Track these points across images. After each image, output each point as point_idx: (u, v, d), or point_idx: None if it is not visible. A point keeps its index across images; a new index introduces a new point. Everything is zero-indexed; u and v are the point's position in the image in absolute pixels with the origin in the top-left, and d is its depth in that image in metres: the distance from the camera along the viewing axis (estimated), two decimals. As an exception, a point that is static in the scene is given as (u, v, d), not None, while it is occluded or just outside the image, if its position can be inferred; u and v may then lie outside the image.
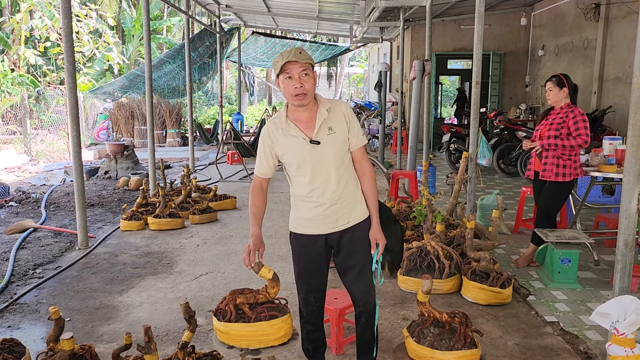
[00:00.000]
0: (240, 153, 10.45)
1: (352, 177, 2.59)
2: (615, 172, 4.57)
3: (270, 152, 2.55)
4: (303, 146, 2.48)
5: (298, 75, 2.39)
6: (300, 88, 2.40)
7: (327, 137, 2.48)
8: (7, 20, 16.35)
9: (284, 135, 2.50)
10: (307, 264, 2.66)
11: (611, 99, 8.47)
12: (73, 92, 5.19)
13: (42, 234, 5.91)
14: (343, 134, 2.52)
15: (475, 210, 5.54)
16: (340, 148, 2.51)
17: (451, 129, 9.70)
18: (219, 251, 5.32)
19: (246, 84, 24.74)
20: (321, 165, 2.49)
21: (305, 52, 2.43)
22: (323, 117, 2.48)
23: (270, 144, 2.54)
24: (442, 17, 12.12)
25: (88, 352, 2.67)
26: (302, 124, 2.50)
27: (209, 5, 12.58)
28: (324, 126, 2.48)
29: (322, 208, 2.53)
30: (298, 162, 2.50)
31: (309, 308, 2.72)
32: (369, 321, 2.71)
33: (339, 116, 2.52)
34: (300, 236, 2.65)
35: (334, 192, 2.51)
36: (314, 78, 2.46)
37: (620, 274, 2.81)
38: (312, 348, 2.82)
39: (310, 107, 2.50)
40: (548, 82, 4.47)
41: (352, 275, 2.64)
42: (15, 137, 13.35)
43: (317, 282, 2.68)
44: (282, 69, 2.40)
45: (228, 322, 2.49)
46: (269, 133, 2.54)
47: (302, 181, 2.54)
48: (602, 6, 8.65)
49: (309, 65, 2.42)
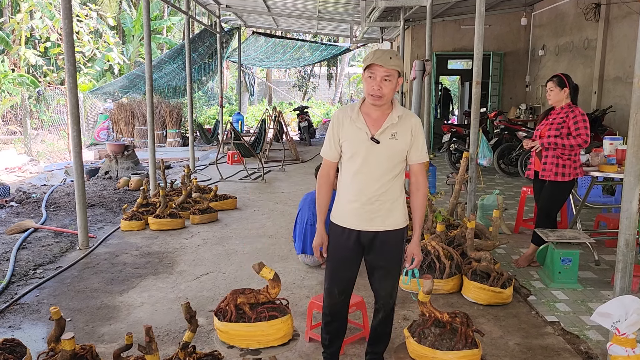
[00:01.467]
0: (241, 153, 10.44)
1: (398, 186, 2.64)
2: (615, 172, 4.57)
3: (337, 136, 2.63)
4: (363, 140, 2.55)
5: (380, 78, 2.47)
6: (378, 91, 2.49)
7: (388, 140, 2.55)
8: (7, 20, 16.36)
9: (351, 124, 2.59)
10: (338, 255, 2.71)
11: (611, 99, 8.46)
12: (73, 92, 5.19)
13: (43, 234, 5.91)
14: (404, 144, 2.58)
15: (475, 210, 5.54)
16: (396, 155, 2.58)
17: (451, 129, 9.71)
18: (219, 251, 5.32)
19: (246, 84, 24.76)
20: (372, 163, 2.56)
21: (398, 58, 2.50)
22: (392, 121, 2.56)
23: (337, 128, 2.63)
24: (442, 17, 12.11)
25: (89, 352, 2.67)
26: (370, 120, 2.58)
27: (209, 5, 12.58)
28: (389, 130, 2.56)
29: (358, 204, 2.59)
30: (353, 152, 2.58)
31: (330, 299, 2.77)
32: (385, 319, 2.81)
33: (407, 127, 2.59)
34: (336, 227, 2.70)
35: (374, 193, 2.57)
36: (396, 84, 2.52)
37: (621, 273, 2.81)
38: (328, 338, 2.87)
39: (383, 109, 2.58)
40: (549, 82, 4.47)
41: (378, 275, 2.72)
42: (15, 138, 13.35)
43: (343, 276, 2.73)
44: (368, 67, 2.49)
45: (228, 322, 2.50)
46: (338, 118, 2.64)
47: (349, 171, 2.62)
48: (603, 6, 8.65)
49: (394, 72, 2.48)
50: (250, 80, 25.88)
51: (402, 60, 2.56)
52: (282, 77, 33.78)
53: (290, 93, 30.78)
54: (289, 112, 18.92)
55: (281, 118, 12.59)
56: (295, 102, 27.20)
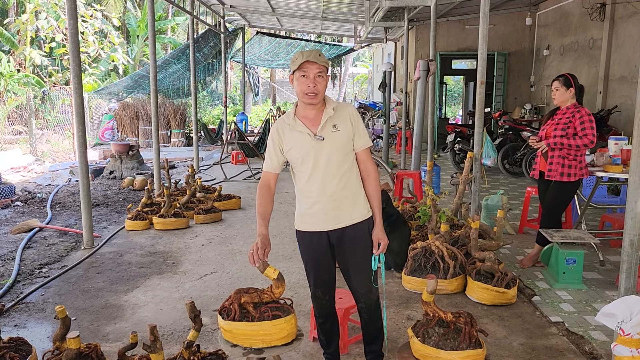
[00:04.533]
0: (245, 153, 10.46)
1: (354, 177, 2.65)
2: (620, 172, 4.55)
3: (278, 148, 2.64)
4: (308, 141, 2.57)
5: (313, 76, 2.50)
6: (313, 88, 2.51)
7: (331, 134, 2.57)
8: (13, 21, 16.44)
9: (291, 131, 2.60)
10: (312, 260, 2.73)
11: (617, 99, 8.43)
12: (78, 92, 5.22)
13: (48, 233, 5.94)
14: (347, 134, 2.59)
15: (479, 210, 5.53)
16: (344, 147, 2.59)
17: (456, 129, 9.70)
18: (223, 251, 5.33)
19: (250, 84, 24.77)
20: (323, 161, 2.56)
21: (324, 56, 2.56)
22: (328, 114, 2.58)
23: (278, 139, 2.64)
24: (446, 17, 12.10)
25: (94, 351, 2.69)
26: (308, 121, 2.60)
27: (214, 5, 12.60)
28: (329, 123, 2.58)
29: (321, 204, 2.60)
30: (302, 156, 2.59)
31: (317, 302, 2.81)
32: (370, 317, 2.80)
33: (345, 116, 2.61)
34: (304, 233, 2.72)
35: (335, 189, 2.58)
36: (327, 81, 2.58)
37: (626, 274, 2.80)
38: (325, 339, 2.90)
39: (318, 107, 2.60)
40: (555, 82, 4.45)
41: (353, 273, 2.72)
42: (20, 137, 13.42)
43: (322, 277, 2.74)
44: (299, 67, 2.50)
45: (232, 321, 2.50)
46: (277, 129, 2.65)
47: (304, 176, 2.62)
48: (608, 6, 8.62)
49: (324, 68, 2.53)
50: (255, 81, 25.90)
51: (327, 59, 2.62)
52: (286, 77, 33.73)
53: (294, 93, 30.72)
54: (293, 112, 18.90)
55: (285, 118, 12.57)
56: (299, 102, 27.14)
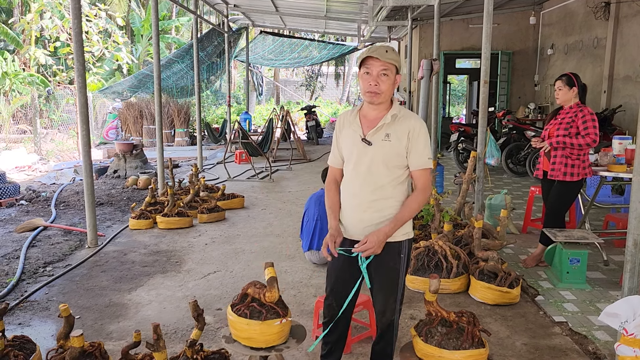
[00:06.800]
0: (248, 152, 10.47)
1: (396, 194, 2.43)
2: (624, 171, 4.54)
3: (337, 142, 2.56)
4: (356, 142, 2.44)
5: (377, 73, 2.33)
6: (375, 86, 2.34)
7: (381, 141, 2.39)
8: (17, 20, 16.50)
9: (348, 127, 2.50)
10: (333, 265, 2.57)
11: (621, 98, 8.40)
12: (83, 91, 5.24)
13: (52, 232, 5.96)
14: (398, 148, 2.39)
15: (483, 209, 5.53)
16: (390, 159, 2.39)
17: (459, 129, 9.68)
18: (227, 250, 5.34)
19: (254, 83, 24.81)
20: (363, 167, 2.41)
21: (394, 52, 2.35)
22: (385, 121, 2.39)
23: (337, 133, 2.56)
24: (450, 16, 12.07)
25: (97, 349, 2.70)
26: (366, 121, 2.46)
27: (217, 5, 12.62)
28: (383, 130, 2.40)
29: (350, 211, 2.48)
30: (347, 155, 2.49)
31: (327, 310, 2.64)
32: (382, 336, 2.62)
33: (403, 129, 2.39)
34: None
35: (363, 199, 2.41)
36: (394, 81, 2.38)
37: (630, 274, 2.79)
38: (327, 349, 2.71)
39: (380, 108, 2.43)
40: (558, 81, 4.45)
41: (374, 289, 2.55)
42: (25, 137, 13.47)
43: (338, 287, 2.57)
44: (363, 62, 2.36)
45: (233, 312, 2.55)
46: (338, 123, 2.57)
47: (346, 176, 2.53)
48: (612, 5, 8.59)
49: (391, 67, 2.34)
50: (258, 80, 25.92)
51: (399, 56, 2.39)
52: (290, 76, 33.79)
53: (298, 92, 30.79)
54: (297, 112, 18.94)
55: (289, 117, 12.61)
56: (302, 101, 27.22)
